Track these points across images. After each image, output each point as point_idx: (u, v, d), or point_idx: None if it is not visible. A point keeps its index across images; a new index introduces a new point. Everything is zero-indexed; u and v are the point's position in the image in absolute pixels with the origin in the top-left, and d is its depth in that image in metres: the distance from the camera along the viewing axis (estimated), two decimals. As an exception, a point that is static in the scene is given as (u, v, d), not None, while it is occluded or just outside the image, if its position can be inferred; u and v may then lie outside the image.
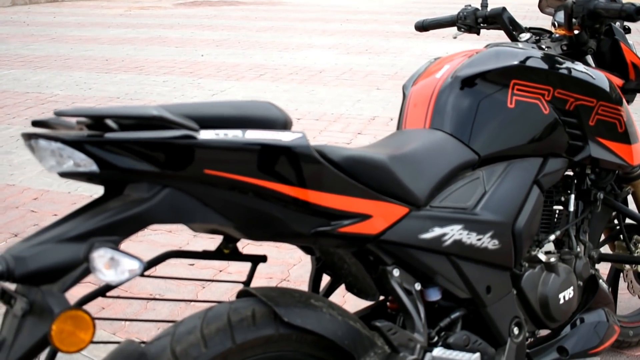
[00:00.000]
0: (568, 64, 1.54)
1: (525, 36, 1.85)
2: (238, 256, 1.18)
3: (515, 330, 1.43)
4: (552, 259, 1.52)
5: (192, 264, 2.71)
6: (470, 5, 1.95)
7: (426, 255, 1.26)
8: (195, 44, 8.73)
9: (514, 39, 1.86)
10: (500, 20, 1.86)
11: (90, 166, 0.92)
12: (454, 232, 1.28)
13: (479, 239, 1.32)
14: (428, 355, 1.21)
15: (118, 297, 1.16)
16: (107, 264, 0.87)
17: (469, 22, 1.92)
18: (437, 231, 1.26)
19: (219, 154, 0.97)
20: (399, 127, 1.54)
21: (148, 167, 0.94)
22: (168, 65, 7.22)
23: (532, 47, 1.60)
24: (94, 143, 0.91)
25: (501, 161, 1.45)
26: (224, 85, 6.16)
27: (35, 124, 1.01)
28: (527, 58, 1.48)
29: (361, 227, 1.14)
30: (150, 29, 10.20)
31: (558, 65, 1.51)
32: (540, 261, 1.52)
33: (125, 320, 1.07)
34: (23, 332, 0.89)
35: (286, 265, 2.69)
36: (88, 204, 0.98)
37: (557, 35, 1.79)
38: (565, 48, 1.73)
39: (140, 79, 6.48)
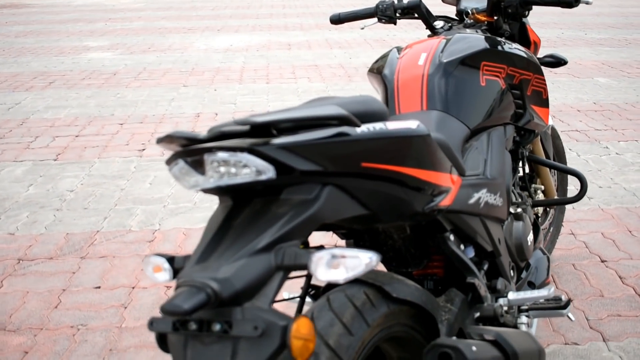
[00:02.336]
0: (511, 45, 1.82)
1: (439, 24, 2.12)
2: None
3: (512, 273, 1.69)
4: (519, 210, 1.81)
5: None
6: None
7: (470, 218, 1.45)
8: (-50, 54, 7.74)
9: (430, 26, 2.10)
10: (418, 10, 2.10)
11: (268, 173, 0.94)
12: (483, 195, 1.49)
13: (494, 199, 1.55)
14: (505, 299, 1.41)
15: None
16: (335, 264, 0.90)
17: (389, 13, 2.12)
18: (475, 196, 1.45)
19: (372, 146, 1.05)
20: (392, 111, 1.68)
21: (317, 167, 0.98)
22: None
23: (479, 33, 1.85)
24: (283, 148, 0.94)
25: (481, 132, 1.68)
26: (16, 98, 5.61)
27: (162, 140, 0.99)
28: (488, 41, 1.73)
29: (447, 199, 1.29)
30: None
31: (508, 47, 1.78)
32: (510, 213, 1.80)
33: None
34: (243, 354, 0.87)
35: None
36: (237, 216, 0.99)
37: (470, 21, 2.07)
38: (484, 30, 2.02)
39: None
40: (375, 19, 2.17)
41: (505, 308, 1.48)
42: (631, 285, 2.49)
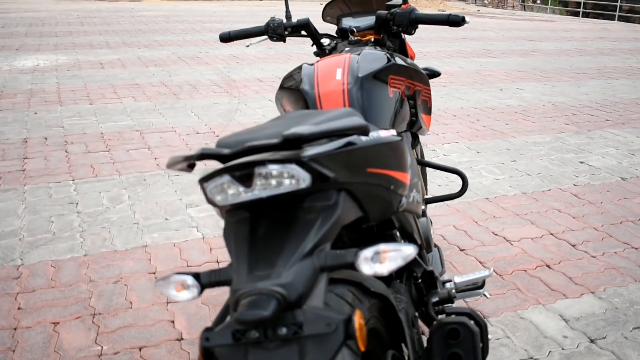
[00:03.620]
0: (407, 59, 2.01)
1: (326, 41, 2.26)
2: None
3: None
4: (423, 207, 2.00)
5: None
6: (275, 17, 2.24)
7: (408, 215, 1.60)
8: None
9: (317, 43, 2.24)
10: (307, 28, 2.22)
11: (306, 182, 1.00)
12: (414, 194, 1.65)
13: (418, 197, 1.72)
14: (451, 283, 1.57)
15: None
16: (381, 258, 0.98)
17: (280, 31, 2.22)
18: (411, 195, 1.61)
19: (374, 153, 1.15)
20: None
21: (337, 174, 1.06)
22: None
23: (378, 50, 2.01)
24: (318, 158, 1.00)
25: None
26: None
27: (204, 156, 1.01)
28: (393, 57, 1.90)
29: (411, 199, 1.42)
30: None
31: (407, 62, 1.97)
32: None
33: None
34: (312, 353, 0.91)
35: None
36: (265, 226, 1.03)
37: (354, 38, 2.23)
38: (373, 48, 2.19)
39: None
40: (265, 37, 2.26)
41: (454, 291, 1.65)
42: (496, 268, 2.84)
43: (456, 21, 2.00)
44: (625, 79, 8.00)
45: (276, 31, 2.21)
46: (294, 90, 1.84)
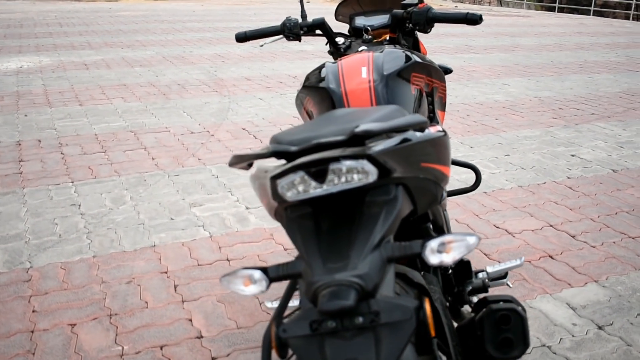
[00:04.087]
0: (424, 57, 2.05)
1: (341, 40, 2.29)
2: None
3: None
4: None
5: None
6: (291, 17, 2.27)
7: (439, 208, 1.65)
8: None
9: (333, 42, 2.27)
10: (323, 28, 2.25)
11: (374, 176, 1.04)
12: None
13: (445, 190, 1.76)
14: (484, 273, 1.62)
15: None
16: (446, 249, 1.03)
17: (296, 31, 2.25)
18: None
19: (426, 148, 1.19)
20: None
21: (399, 169, 1.10)
22: None
23: (399, 48, 2.05)
24: (384, 154, 1.04)
25: None
26: None
27: (275, 154, 1.04)
28: (414, 55, 1.94)
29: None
30: None
31: (423, 59, 2.01)
32: None
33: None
34: (387, 340, 0.96)
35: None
36: (332, 221, 1.07)
37: (369, 37, 2.27)
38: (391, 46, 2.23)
39: None
40: (281, 36, 2.28)
41: (487, 280, 1.70)
42: (496, 260, 2.90)
43: (474, 19, 2.05)
44: (607, 73, 8.15)
45: (292, 30, 2.24)
46: (319, 89, 1.87)
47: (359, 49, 2.24)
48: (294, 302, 1.82)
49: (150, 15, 15.93)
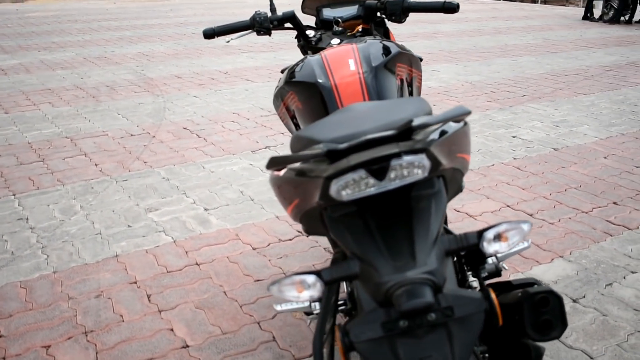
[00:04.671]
0: (404, 47, 2.04)
1: (311, 33, 2.25)
2: None
3: None
4: None
5: None
6: (260, 11, 2.20)
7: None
8: None
9: (303, 35, 2.23)
10: (293, 21, 2.20)
11: (427, 170, 1.02)
12: None
13: None
14: (494, 257, 1.63)
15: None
16: (504, 237, 1.02)
17: (267, 25, 2.19)
18: None
19: (460, 138, 1.18)
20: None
21: (444, 161, 1.08)
22: None
23: (379, 39, 2.02)
24: (436, 147, 1.02)
25: None
26: None
27: (330, 153, 1.00)
28: (397, 46, 1.92)
29: None
30: None
31: (404, 49, 2.00)
32: None
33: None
34: (460, 334, 0.96)
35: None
36: (383, 217, 1.06)
37: (339, 29, 2.24)
38: (359, 37, 2.21)
39: None
40: (250, 31, 2.22)
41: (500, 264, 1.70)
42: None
43: (451, 8, 2.05)
44: (528, 56, 8.45)
45: (263, 25, 2.18)
46: (307, 84, 1.82)
47: (331, 41, 2.20)
48: (291, 305, 1.78)
49: (62, 15, 15.26)
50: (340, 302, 1.52)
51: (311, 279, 1.02)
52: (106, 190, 3.66)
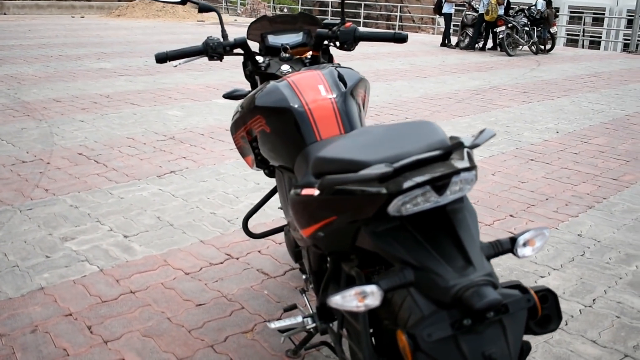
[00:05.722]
0: (358, 72, 2.16)
1: (260, 59, 2.32)
2: None
3: None
4: None
5: None
6: (212, 36, 2.23)
7: None
8: None
9: (253, 61, 2.29)
10: (244, 47, 2.26)
11: (473, 186, 1.15)
12: None
13: None
14: None
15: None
16: (532, 242, 1.16)
17: (220, 50, 2.22)
18: None
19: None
20: (311, 139, 1.82)
21: None
22: None
23: (337, 66, 2.12)
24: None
25: None
26: None
27: (397, 171, 1.10)
28: (356, 73, 2.04)
29: None
30: None
31: (362, 76, 2.11)
32: None
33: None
34: (511, 328, 1.09)
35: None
36: (432, 228, 1.17)
37: (287, 55, 2.32)
38: (308, 63, 2.31)
39: None
40: (203, 56, 2.24)
41: None
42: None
43: (402, 38, 2.22)
44: (401, 80, 8.97)
45: (216, 50, 2.22)
46: (278, 108, 1.88)
47: (281, 67, 2.29)
48: (289, 322, 1.83)
49: None
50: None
51: (370, 288, 1.10)
52: (11, 220, 3.45)
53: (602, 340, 2.42)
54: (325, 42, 2.31)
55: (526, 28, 13.64)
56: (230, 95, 2.58)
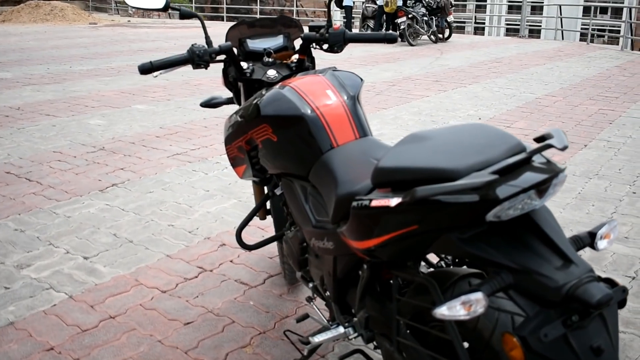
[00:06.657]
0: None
1: (245, 65, 2.26)
2: None
3: None
4: None
5: None
6: (197, 44, 2.14)
7: None
8: None
9: (238, 67, 2.23)
10: (230, 53, 2.18)
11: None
12: None
13: None
14: None
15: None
16: (607, 235, 1.19)
17: (206, 58, 2.14)
18: None
19: None
20: (327, 145, 1.78)
21: None
22: None
23: (336, 69, 2.07)
24: None
25: None
26: None
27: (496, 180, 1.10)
28: (357, 76, 2.02)
29: None
30: None
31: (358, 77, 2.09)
32: None
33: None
34: (610, 320, 1.13)
35: None
36: (522, 227, 1.18)
37: (270, 60, 2.26)
38: (294, 68, 2.26)
39: None
40: (188, 64, 2.15)
41: None
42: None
43: (393, 38, 2.22)
44: (318, 75, 8.98)
45: (202, 58, 2.13)
46: (288, 116, 1.83)
47: (267, 72, 2.23)
48: (327, 335, 1.80)
49: None
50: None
51: (475, 296, 1.10)
52: (-48, 252, 3.18)
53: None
54: (313, 45, 2.28)
55: (425, 18, 14.07)
56: (208, 104, 2.50)
